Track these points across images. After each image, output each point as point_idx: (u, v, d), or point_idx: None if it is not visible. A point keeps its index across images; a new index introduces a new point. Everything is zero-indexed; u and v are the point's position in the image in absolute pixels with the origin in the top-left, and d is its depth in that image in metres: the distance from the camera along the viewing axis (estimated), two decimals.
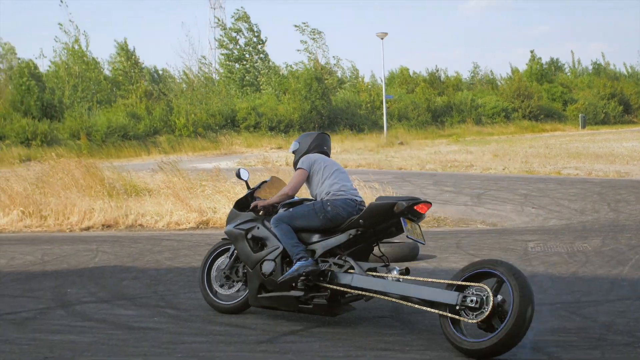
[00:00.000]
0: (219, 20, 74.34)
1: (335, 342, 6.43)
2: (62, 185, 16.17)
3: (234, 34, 68.98)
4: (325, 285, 6.84)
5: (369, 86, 66.03)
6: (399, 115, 60.73)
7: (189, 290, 8.64)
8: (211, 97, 56.81)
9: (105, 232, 14.10)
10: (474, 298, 5.90)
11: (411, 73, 72.18)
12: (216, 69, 71.08)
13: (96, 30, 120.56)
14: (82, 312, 7.73)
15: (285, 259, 7.11)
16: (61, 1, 63.55)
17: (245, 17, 68.54)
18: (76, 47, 58.42)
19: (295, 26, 69.60)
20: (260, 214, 7.48)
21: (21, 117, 47.33)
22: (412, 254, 10.18)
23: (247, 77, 66.87)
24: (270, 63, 68.54)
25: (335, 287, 6.79)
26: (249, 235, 7.42)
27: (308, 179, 7.42)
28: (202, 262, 7.90)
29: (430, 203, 6.88)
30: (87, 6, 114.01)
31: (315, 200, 7.30)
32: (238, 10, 69.49)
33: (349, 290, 6.71)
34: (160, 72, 70.03)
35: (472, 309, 5.89)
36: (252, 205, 7.51)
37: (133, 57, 62.22)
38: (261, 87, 64.31)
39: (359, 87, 66.82)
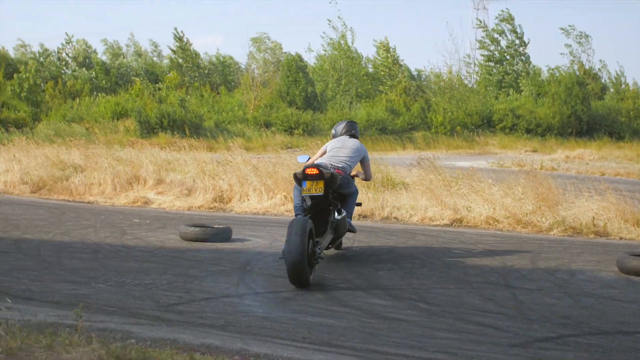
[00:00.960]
0: (480, 21, 73.59)
1: (592, 353, 6.14)
2: None
3: (495, 35, 68.00)
4: None
5: (634, 93, 62.62)
6: None
7: (442, 286, 8.59)
8: (470, 97, 56.40)
9: (361, 222, 14.34)
10: None
11: None
12: (476, 70, 70.53)
13: (361, 26, 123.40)
14: (338, 297, 7.90)
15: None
16: None
17: (509, 19, 67.34)
18: (342, 42, 60.09)
19: (561, 29, 67.32)
20: None
21: (286, 106, 49.46)
22: None
23: (506, 78, 65.71)
24: (531, 66, 66.96)
25: None
26: None
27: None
28: None
29: (316, 167, 8.98)
30: (354, 3, 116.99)
31: None
32: (503, 11, 68.32)
33: None
34: (419, 70, 70.52)
35: None
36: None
37: (394, 54, 63.10)
38: (521, 89, 62.85)
39: (623, 93, 63.66)
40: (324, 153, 10.16)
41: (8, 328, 5.73)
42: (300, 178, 9.08)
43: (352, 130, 10.51)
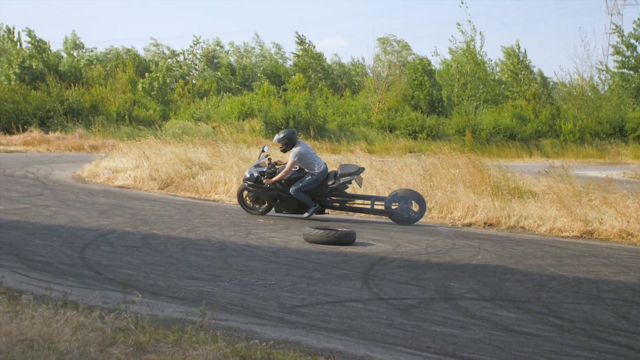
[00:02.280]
0: (616, 26, 71.22)
1: None
2: (449, 179, 16.42)
3: (632, 41, 65.66)
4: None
5: None
6: None
7: (574, 301, 8.30)
8: (602, 105, 54.68)
9: (486, 230, 14.10)
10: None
11: None
12: (608, 78, 68.39)
13: (489, 30, 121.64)
14: (464, 308, 7.75)
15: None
16: (462, 2, 64.78)
17: None
18: (470, 46, 59.40)
19: None
20: (269, 185, 14.49)
21: (411, 110, 49.22)
22: None
23: None
24: None
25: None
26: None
27: (300, 162, 14.42)
28: (238, 193, 15.25)
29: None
30: (484, 7, 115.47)
31: (311, 172, 14.38)
32: None
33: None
34: (550, 76, 68.96)
35: None
36: (265, 182, 14.50)
37: (524, 60, 61.89)
38: None
39: None
40: (295, 162, 14.34)
41: (137, 322, 5.86)
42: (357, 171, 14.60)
43: (298, 138, 14.85)
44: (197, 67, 62.38)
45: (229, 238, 11.59)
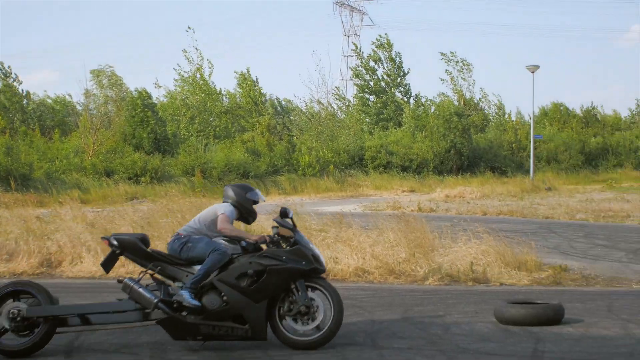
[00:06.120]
0: (356, 47, 74.56)
1: None
2: (171, 229, 16.27)
3: (371, 64, 68.91)
4: None
5: (517, 124, 64.54)
6: (547, 157, 59.53)
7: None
8: (340, 133, 56.87)
9: None
10: None
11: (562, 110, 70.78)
12: (348, 102, 71.57)
13: (220, 60, 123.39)
14: None
15: None
16: (188, 27, 65.61)
17: (387, 45, 68.40)
18: (197, 75, 59.66)
19: (442, 54, 67.67)
20: None
21: (132, 150, 48.37)
22: (556, 318, 9.74)
23: (384, 111, 66.28)
24: (412, 96, 68.42)
25: None
26: None
27: None
28: None
29: None
30: (213, 34, 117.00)
31: None
32: (381, 37, 69.21)
33: None
34: (285, 104, 71.08)
35: None
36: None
37: (256, 87, 63.28)
38: (403, 122, 63.21)
39: (505, 124, 65.84)
40: None
41: None
42: None
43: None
44: None
45: None
